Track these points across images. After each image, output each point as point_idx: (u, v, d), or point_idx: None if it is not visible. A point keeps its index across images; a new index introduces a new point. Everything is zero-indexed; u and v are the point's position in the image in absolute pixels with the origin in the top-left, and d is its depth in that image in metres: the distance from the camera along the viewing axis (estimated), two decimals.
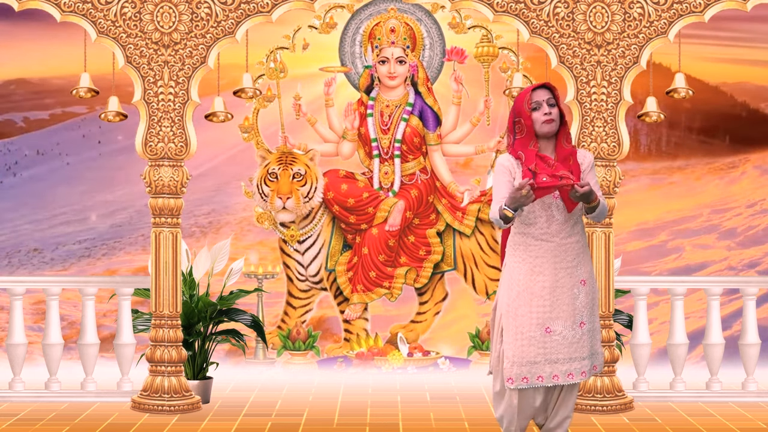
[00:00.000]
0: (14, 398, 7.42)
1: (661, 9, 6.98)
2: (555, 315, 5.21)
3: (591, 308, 5.29)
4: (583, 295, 5.26)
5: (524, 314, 5.22)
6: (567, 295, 5.23)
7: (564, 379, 5.22)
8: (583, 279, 5.27)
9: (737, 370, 7.77)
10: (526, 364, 5.21)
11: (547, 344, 5.20)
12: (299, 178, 8.93)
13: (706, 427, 6.60)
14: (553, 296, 5.22)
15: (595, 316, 5.32)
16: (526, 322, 5.21)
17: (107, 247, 9.40)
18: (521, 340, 5.21)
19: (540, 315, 5.21)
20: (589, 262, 5.35)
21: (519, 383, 5.22)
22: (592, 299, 5.31)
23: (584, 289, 5.27)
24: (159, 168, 6.99)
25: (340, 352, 9.02)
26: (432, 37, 9.06)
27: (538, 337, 5.20)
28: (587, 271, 5.31)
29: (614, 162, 7.02)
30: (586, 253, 5.34)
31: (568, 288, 5.24)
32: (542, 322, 5.20)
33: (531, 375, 5.21)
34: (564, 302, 5.22)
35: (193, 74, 6.99)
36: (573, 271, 5.26)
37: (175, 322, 7.04)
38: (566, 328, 5.21)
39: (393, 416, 6.94)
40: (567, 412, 5.37)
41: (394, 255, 9.03)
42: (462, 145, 9.08)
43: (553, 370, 5.21)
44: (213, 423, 6.72)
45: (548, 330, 5.21)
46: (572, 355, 5.22)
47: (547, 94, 5.27)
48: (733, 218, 9.55)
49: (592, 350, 5.29)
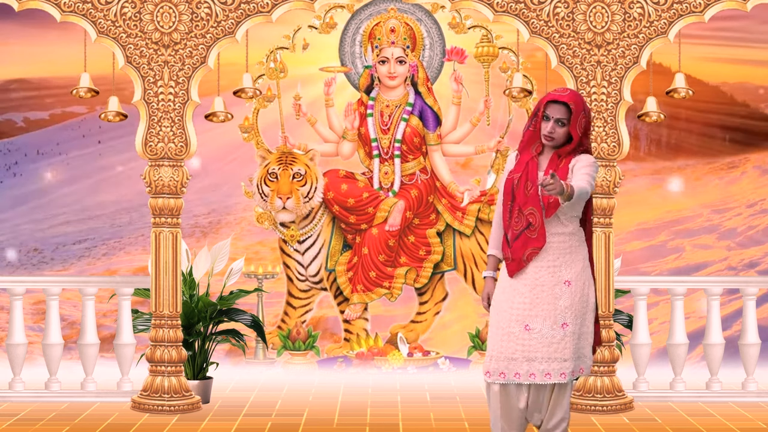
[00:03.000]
0: (14, 398, 7.42)
1: (661, 9, 6.98)
2: (534, 313, 5.18)
3: (578, 311, 5.19)
4: (566, 295, 5.18)
5: (505, 310, 5.23)
6: (547, 294, 5.18)
7: (541, 379, 5.18)
8: (567, 280, 5.19)
9: (737, 370, 7.77)
10: (504, 359, 5.20)
11: (525, 341, 5.18)
12: (299, 178, 8.93)
13: (706, 427, 6.60)
14: (533, 294, 5.19)
15: (585, 320, 5.22)
16: (506, 318, 5.21)
17: (107, 247, 9.40)
18: (501, 335, 5.21)
19: (520, 312, 5.20)
20: (580, 263, 5.24)
21: (496, 378, 5.22)
22: (581, 301, 5.20)
23: (568, 290, 5.18)
24: (159, 168, 6.99)
25: (340, 352, 9.02)
26: (432, 37, 9.06)
27: (517, 333, 5.18)
28: (574, 273, 5.21)
29: (614, 162, 7.02)
30: (575, 254, 5.24)
31: (548, 287, 5.19)
32: (522, 319, 5.19)
33: (508, 371, 5.19)
34: (544, 301, 5.18)
35: (193, 74, 6.99)
36: (555, 270, 5.19)
37: (175, 322, 7.04)
38: (545, 327, 5.17)
39: (393, 416, 6.94)
40: (562, 414, 5.32)
41: (394, 255, 9.03)
42: (462, 145, 9.08)
43: (530, 368, 5.18)
44: (213, 423, 6.72)
45: (527, 327, 5.18)
46: (552, 355, 5.16)
47: (561, 114, 5.16)
48: (733, 218, 9.55)
49: (578, 353, 5.21)
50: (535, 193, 5.18)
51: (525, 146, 5.30)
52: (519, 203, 5.21)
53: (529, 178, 5.21)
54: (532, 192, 5.19)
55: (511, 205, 5.24)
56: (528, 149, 5.28)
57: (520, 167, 5.26)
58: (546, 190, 4.92)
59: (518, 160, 5.30)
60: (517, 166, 5.28)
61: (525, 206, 5.18)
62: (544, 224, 5.18)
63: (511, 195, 5.24)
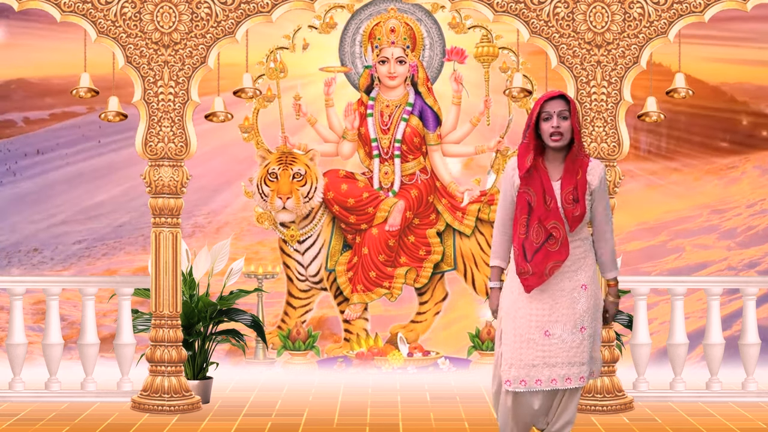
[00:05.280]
0: (14, 398, 7.42)
1: (661, 9, 6.98)
2: (554, 318, 5.16)
3: (593, 313, 5.21)
4: (584, 299, 5.19)
5: (523, 316, 5.17)
6: (566, 299, 5.17)
7: (562, 384, 5.17)
8: (584, 284, 5.20)
9: (737, 370, 7.76)
10: (524, 366, 5.16)
11: (546, 347, 5.15)
12: (299, 178, 8.93)
13: (706, 427, 6.60)
14: (553, 299, 5.17)
15: (597, 322, 5.25)
16: (525, 325, 5.16)
17: (107, 247, 9.40)
18: (520, 342, 5.16)
19: (539, 318, 5.16)
20: (592, 266, 5.26)
21: (517, 386, 5.17)
22: (595, 304, 5.22)
23: (585, 294, 5.19)
24: (159, 168, 6.99)
25: (340, 352, 9.02)
26: (432, 37, 9.06)
27: (538, 340, 5.15)
28: (589, 276, 5.22)
29: (614, 162, 7.02)
30: (588, 257, 5.26)
31: (567, 292, 5.18)
32: (541, 325, 5.15)
33: (529, 378, 5.16)
34: (563, 305, 5.17)
35: (193, 74, 6.99)
36: (573, 275, 5.19)
37: (175, 322, 7.04)
38: (566, 332, 5.15)
39: (393, 416, 6.94)
40: (569, 417, 5.32)
41: (394, 255, 9.03)
42: (462, 145, 9.08)
43: (551, 373, 5.16)
44: (213, 423, 6.72)
45: (547, 333, 5.15)
46: (572, 360, 5.17)
47: (561, 106, 5.16)
48: (733, 218, 9.55)
49: (592, 356, 5.24)
50: (555, 206, 5.14)
51: (528, 157, 5.20)
52: (539, 217, 5.15)
53: (546, 191, 5.16)
54: (552, 206, 5.14)
55: (527, 219, 5.17)
56: (522, 163, 5.19)
57: (534, 182, 5.17)
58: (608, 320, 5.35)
59: (524, 173, 5.19)
60: (528, 181, 5.18)
61: (546, 220, 5.13)
62: (567, 237, 5.15)
63: (527, 209, 5.17)
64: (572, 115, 5.16)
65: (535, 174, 5.19)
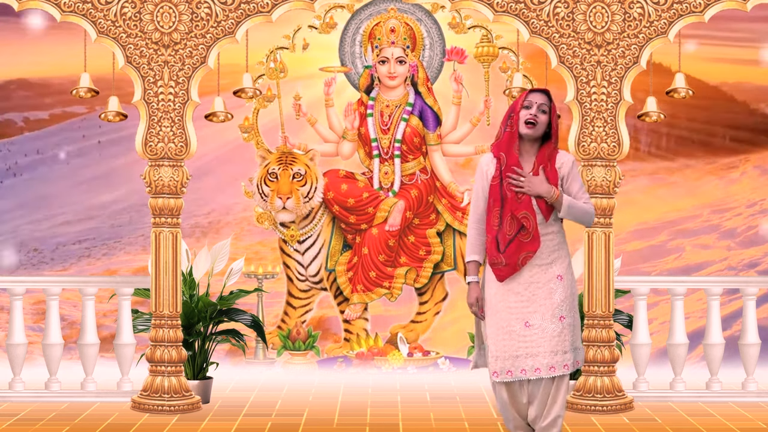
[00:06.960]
0: (14, 398, 7.42)
1: (661, 9, 6.98)
2: (533, 309, 5.32)
3: (570, 303, 5.36)
4: (560, 290, 5.34)
5: (503, 309, 5.34)
6: (543, 290, 5.33)
7: (546, 372, 5.31)
8: (559, 274, 5.35)
9: (737, 370, 7.77)
10: (508, 357, 5.32)
11: (527, 338, 5.30)
12: (299, 178, 8.93)
13: (706, 427, 6.60)
14: (530, 292, 5.33)
15: (575, 312, 5.39)
16: (506, 317, 5.34)
17: (107, 247, 9.40)
18: (502, 334, 5.33)
19: (518, 310, 5.32)
20: (566, 257, 5.41)
21: (504, 376, 5.33)
22: (572, 294, 5.38)
23: (561, 284, 5.35)
24: (159, 168, 6.99)
25: (340, 352, 9.02)
26: (432, 37, 9.06)
27: (519, 331, 5.31)
28: (564, 267, 5.37)
29: (614, 162, 7.02)
30: (562, 248, 5.40)
31: (543, 283, 5.33)
32: (521, 316, 5.32)
33: (514, 368, 5.32)
34: (541, 297, 5.32)
35: (193, 74, 6.99)
36: (548, 268, 5.35)
37: (175, 322, 7.04)
38: (545, 321, 5.31)
39: (393, 416, 6.94)
40: (559, 410, 5.42)
41: (394, 255, 9.03)
42: (462, 145, 9.08)
43: (534, 363, 5.31)
44: (213, 423, 6.72)
45: (527, 324, 5.31)
46: (554, 348, 5.31)
47: (543, 100, 5.36)
48: (733, 218, 9.55)
49: (574, 345, 5.37)
50: (527, 197, 5.30)
51: (504, 149, 5.38)
52: (510, 208, 5.32)
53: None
54: (524, 197, 5.31)
55: (501, 211, 5.34)
56: (509, 151, 5.36)
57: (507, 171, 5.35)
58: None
59: (498, 164, 5.37)
60: (500, 172, 5.36)
61: (518, 211, 5.31)
62: (538, 228, 5.30)
63: (500, 201, 5.33)
64: (552, 112, 5.35)
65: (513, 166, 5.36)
